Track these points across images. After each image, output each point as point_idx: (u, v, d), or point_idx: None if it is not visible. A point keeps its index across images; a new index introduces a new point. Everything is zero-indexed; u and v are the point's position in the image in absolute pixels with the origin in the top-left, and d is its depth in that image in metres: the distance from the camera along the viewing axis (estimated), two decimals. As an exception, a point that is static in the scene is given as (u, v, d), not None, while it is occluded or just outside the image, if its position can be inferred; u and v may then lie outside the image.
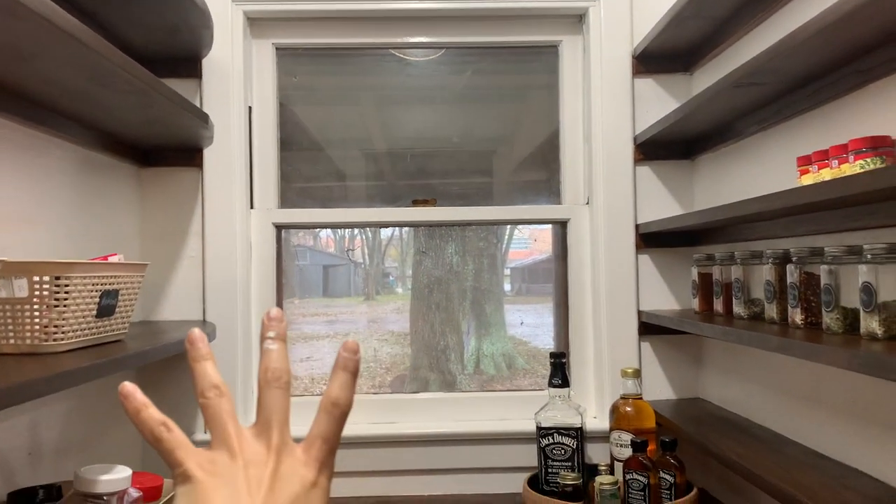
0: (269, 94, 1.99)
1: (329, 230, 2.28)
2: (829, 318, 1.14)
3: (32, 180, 1.38)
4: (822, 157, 1.20)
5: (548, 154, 2.08)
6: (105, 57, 1.05)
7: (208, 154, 1.87)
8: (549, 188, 2.08)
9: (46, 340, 1.12)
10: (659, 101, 1.92)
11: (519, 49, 2.07)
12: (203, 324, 1.80)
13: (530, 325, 2.18)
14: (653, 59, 1.90)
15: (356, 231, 2.25)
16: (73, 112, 1.40)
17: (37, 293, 1.11)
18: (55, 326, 1.12)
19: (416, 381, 2.11)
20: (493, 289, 2.16)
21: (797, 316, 1.24)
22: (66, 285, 1.12)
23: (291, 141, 2.05)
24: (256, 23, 1.96)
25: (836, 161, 1.14)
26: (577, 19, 2.00)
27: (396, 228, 2.20)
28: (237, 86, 1.88)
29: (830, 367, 1.34)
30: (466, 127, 2.13)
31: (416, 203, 2.01)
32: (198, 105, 1.86)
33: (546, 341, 2.14)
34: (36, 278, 1.11)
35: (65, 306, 1.12)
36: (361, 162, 2.13)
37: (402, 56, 2.08)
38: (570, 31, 2.01)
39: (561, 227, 2.03)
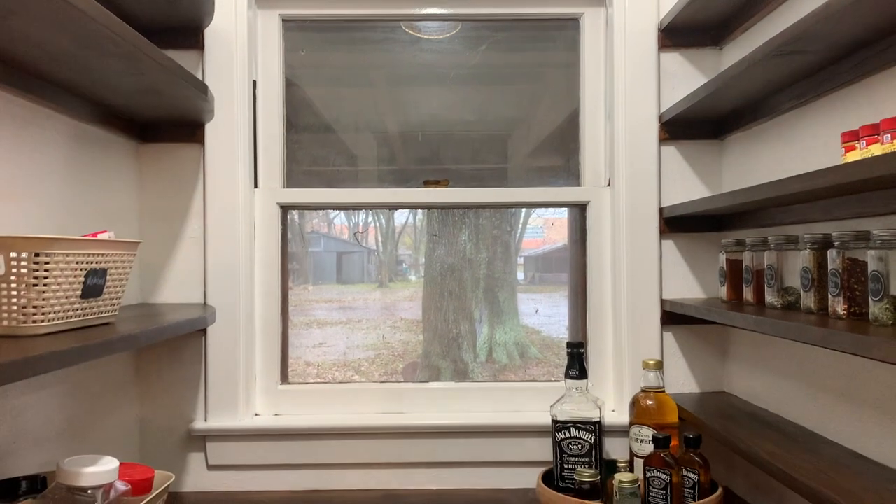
0: (275, 67, 1.90)
1: (343, 217, 2.19)
2: (877, 309, 1.04)
3: (19, 152, 1.30)
4: (872, 133, 1.09)
5: (566, 137, 1.98)
6: (85, 13, 0.96)
7: (210, 129, 1.78)
8: (566, 172, 1.98)
9: (25, 322, 1.04)
10: (686, 78, 1.81)
11: (538, 23, 1.96)
12: (204, 307, 1.72)
13: (543, 314, 2.10)
14: (680, 33, 1.79)
15: (370, 218, 2.16)
16: (61, 80, 1.32)
17: (14, 271, 1.02)
18: (34, 307, 1.04)
19: (428, 369, 2.02)
20: (506, 277, 2.07)
21: (839, 306, 1.14)
22: (47, 263, 1.04)
23: (298, 120, 1.96)
24: (262, -8, 1.87)
25: (889, 135, 1.04)
26: (599, -10, 1.89)
27: (410, 215, 2.11)
28: (241, 58, 1.79)
29: (868, 361, 1.24)
30: (482, 108, 2.03)
31: (427, 184, 1.92)
32: (200, 78, 1.77)
33: (559, 331, 2.05)
34: (14, 255, 1.02)
35: (45, 285, 1.04)
36: (372, 143, 2.03)
37: (414, 33, 1.98)
38: (592, 3, 1.90)
39: (580, 210, 1.93)
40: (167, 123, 1.76)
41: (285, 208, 1.91)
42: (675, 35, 1.80)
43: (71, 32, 1.05)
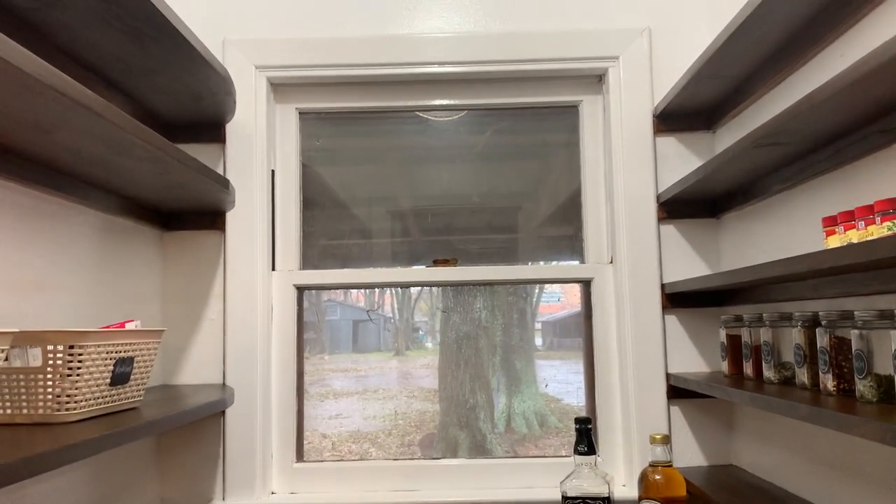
0: (291, 157, 2.01)
1: (359, 285, 2.25)
2: (862, 386, 1.09)
3: (53, 246, 1.40)
4: (848, 219, 1.16)
5: (571, 211, 2.06)
6: (120, 127, 1.07)
7: (231, 217, 1.88)
8: (573, 245, 2.06)
9: (59, 410, 1.11)
10: (681, 159, 1.90)
11: (540, 108, 2.07)
12: (223, 388, 1.79)
13: (562, 381, 2.12)
14: (674, 118, 1.89)
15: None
16: (93, 179, 1.43)
17: (50, 362, 1.11)
18: (68, 396, 1.12)
19: (445, 441, 2.05)
20: (523, 344, 2.11)
21: (829, 382, 1.19)
22: (80, 354, 1.12)
23: (314, 200, 2.07)
24: (280, 88, 2.00)
25: (863, 222, 1.11)
26: (596, 79, 2.00)
27: (424, 283, 2.17)
28: (260, 150, 1.90)
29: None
30: (490, 185, 2.13)
31: (437, 263, 2.00)
32: (221, 169, 1.89)
33: (579, 398, 2.07)
34: (50, 347, 1.11)
35: (78, 375, 1.12)
36: (385, 221, 2.13)
37: (424, 116, 2.09)
38: (590, 91, 2.01)
39: (585, 286, 2.00)
40: (190, 213, 1.86)
41: (301, 289, 2.00)
42: (669, 120, 1.90)
43: (107, 142, 1.15)
